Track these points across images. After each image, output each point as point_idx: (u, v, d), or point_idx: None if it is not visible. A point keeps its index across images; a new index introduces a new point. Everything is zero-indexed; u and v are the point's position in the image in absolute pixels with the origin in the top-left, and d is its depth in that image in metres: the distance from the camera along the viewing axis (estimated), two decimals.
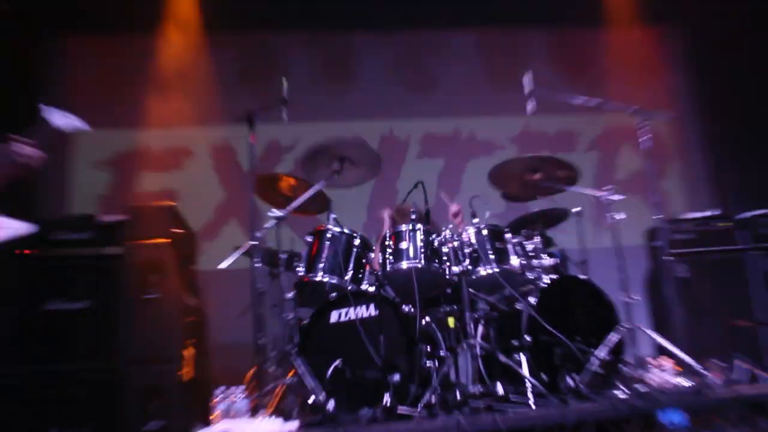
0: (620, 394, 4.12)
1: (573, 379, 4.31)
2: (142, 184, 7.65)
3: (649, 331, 4.72)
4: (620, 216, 5.02)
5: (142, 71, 8.02)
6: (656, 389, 4.16)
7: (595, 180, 7.78)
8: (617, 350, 4.65)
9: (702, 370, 4.28)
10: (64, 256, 5.03)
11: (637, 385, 4.24)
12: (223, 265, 4.93)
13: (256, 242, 4.66)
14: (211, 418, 4.11)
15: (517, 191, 5.50)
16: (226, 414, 3.99)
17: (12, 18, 7.24)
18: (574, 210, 5.46)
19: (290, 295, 4.86)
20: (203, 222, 7.40)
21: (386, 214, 5.70)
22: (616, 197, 5.08)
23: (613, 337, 4.59)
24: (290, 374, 4.45)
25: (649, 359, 4.56)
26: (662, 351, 4.62)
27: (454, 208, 5.72)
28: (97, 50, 8.13)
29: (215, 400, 4.06)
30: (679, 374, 4.36)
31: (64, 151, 7.74)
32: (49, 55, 7.96)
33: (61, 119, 3.95)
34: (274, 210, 4.83)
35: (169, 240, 5.29)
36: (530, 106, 5.14)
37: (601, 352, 4.48)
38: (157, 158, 7.81)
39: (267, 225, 4.85)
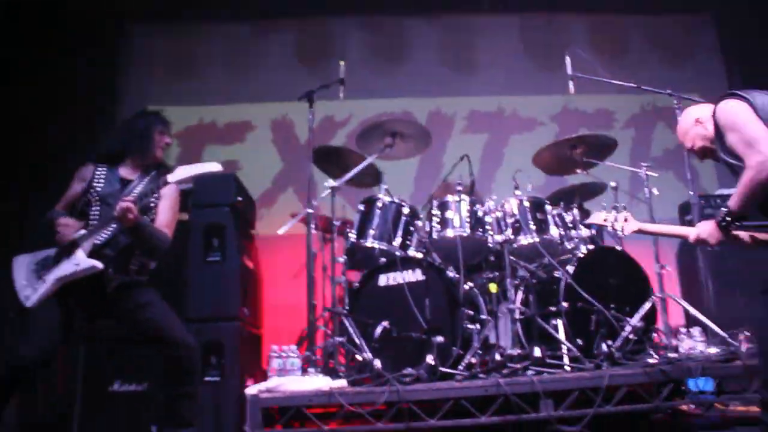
0: (652, 360, 3.98)
1: (607, 345, 4.19)
2: (207, 155, 7.59)
3: (681, 301, 4.56)
4: (655, 191, 4.87)
5: (207, 53, 8.05)
6: (686, 357, 4.02)
7: (631, 156, 7.53)
8: (650, 318, 4.52)
9: (730, 340, 4.11)
10: None
11: (668, 353, 4.10)
12: (282, 230, 4.88)
13: (312, 210, 4.61)
14: (264, 374, 4.10)
15: (557, 166, 5.35)
16: (279, 371, 3.99)
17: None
18: (611, 184, 5.30)
19: (342, 259, 4.82)
20: (262, 191, 7.34)
21: None
22: (651, 173, 4.93)
23: (646, 306, 4.44)
24: (340, 334, 4.42)
25: (681, 328, 4.40)
26: (693, 320, 4.46)
27: None
28: (167, 36, 8.15)
29: (269, 358, 4.05)
30: (708, 343, 4.21)
31: None
32: (127, 43, 8.04)
33: (189, 172, 3.88)
34: (329, 180, 4.86)
35: (230, 207, 5.26)
36: (571, 85, 5.02)
37: (635, 320, 4.34)
38: (221, 132, 7.80)
39: (323, 194, 4.87)
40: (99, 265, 3.70)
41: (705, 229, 3.41)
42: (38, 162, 4.13)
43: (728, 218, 3.24)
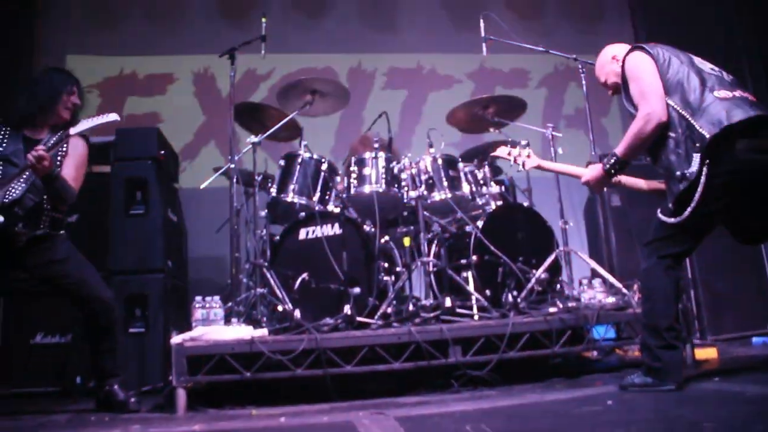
0: (553, 309, 4.27)
1: (513, 296, 4.47)
2: (128, 107, 7.53)
3: (582, 254, 4.88)
4: (560, 150, 5.15)
5: (129, 1, 7.90)
6: (584, 306, 4.34)
7: (544, 115, 7.86)
8: (554, 271, 4.81)
9: (625, 291, 4.43)
10: None
11: (569, 302, 4.40)
12: (204, 185, 4.96)
13: (235, 165, 4.70)
14: (189, 326, 4.19)
15: (470, 124, 5.57)
16: (203, 321, 4.07)
17: None
18: (522, 142, 5.55)
19: (263, 213, 4.94)
20: (184, 143, 7.34)
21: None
22: (556, 133, 5.20)
23: (551, 259, 4.72)
24: (262, 286, 4.56)
25: (582, 279, 4.71)
26: (593, 272, 4.77)
27: None
28: None
29: (193, 308, 4.14)
30: (607, 293, 4.53)
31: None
32: None
33: (89, 124, 3.88)
34: (251, 136, 4.92)
35: (153, 160, 5.27)
36: (485, 48, 5.23)
37: (539, 272, 4.62)
38: (142, 83, 7.72)
39: (244, 149, 4.94)
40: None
41: (592, 174, 3.69)
42: None
43: (614, 164, 3.54)
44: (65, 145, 4.00)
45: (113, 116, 3.89)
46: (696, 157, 3.18)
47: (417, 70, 8.20)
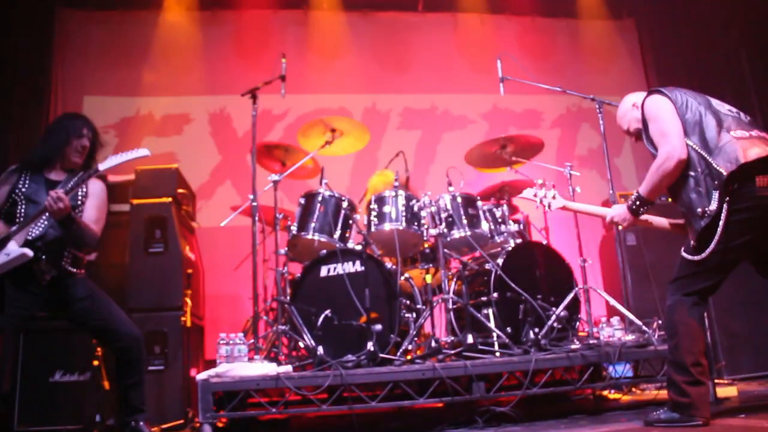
0: (574, 346, 4.32)
1: (534, 333, 4.52)
2: (144, 147, 7.54)
3: (601, 292, 4.92)
4: (578, 189, 5.22)
5: (146, 43, 8.05)
6: (605, 343, 4.37)
7: (558, 155, 7.96)
8: (573, 308, 4.86)
9: (645, 328, 4.47)
10: None
11: (588, 340, 4.44)
12: (224, 222, 5.02)
13: (256, 203, 4.77)
14: (208, 361, 4.20)
15: (488, 163, 5.65)
16: (227, 357, 4.10)
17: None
18: (538, 181, 5.62)
19: (284, 250, 4.98)
20: (200, 183, 7.41)
21: None
22: (574, 172, 5.28)
23: (570, 296, 4.77)
24: (283, 323, 4.60)
25: (602, 317, 4.75)
26: (613, 310, 4.81)
27: None
28: (104, 24, 8.04)
29: (218, 345, 4.16)
30: (626, 331, 4.56)
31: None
32: (64, 30, 7.89)
33: (119, 160, 3.88)
34: (272, 174, 4.99)
35: (172, 199, 5.35)
36: (502, 88, 5.32)
37: (559, 310, 4.67)
38: (159, 124, 7.84)
39: (265, 187, 5.00)
40: (29, 252, 3.71)
41: (617, 213, 3.79)
42: None
43: (638, 202, 3.63)
44: (85, 187, 4.04)
45: (144, 151, 3.90)
46: (715, 194, 3.27)
47: (431, 111, 8.34)
